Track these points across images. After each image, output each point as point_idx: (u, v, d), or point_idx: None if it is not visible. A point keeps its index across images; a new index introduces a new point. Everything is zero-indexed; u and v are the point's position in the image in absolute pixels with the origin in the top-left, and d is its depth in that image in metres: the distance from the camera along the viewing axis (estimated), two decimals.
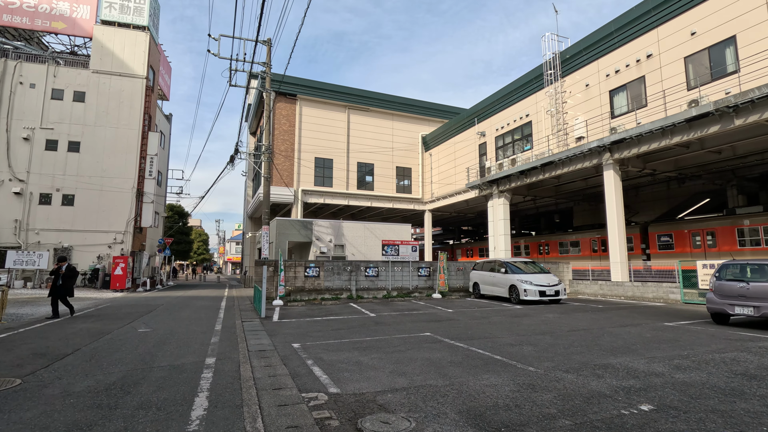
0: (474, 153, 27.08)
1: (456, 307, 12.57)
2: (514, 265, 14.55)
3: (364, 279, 16.31)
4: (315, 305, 13.81)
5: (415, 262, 17.20)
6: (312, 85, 28.85)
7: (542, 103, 21.52)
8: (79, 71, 22.82)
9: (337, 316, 10.81)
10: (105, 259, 21.77)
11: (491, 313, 11.02)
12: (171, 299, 16.51)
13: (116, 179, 22.54)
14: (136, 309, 12.57)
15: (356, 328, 8.60)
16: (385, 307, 13.02)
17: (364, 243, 19.94)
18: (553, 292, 13.16)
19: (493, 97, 25.20)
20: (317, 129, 29.06)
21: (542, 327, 8.60)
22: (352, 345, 6.81)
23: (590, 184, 23.24)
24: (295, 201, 27.59)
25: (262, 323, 9.52)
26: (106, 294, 18.80)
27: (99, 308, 12.76)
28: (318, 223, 19.38)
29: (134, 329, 8.39)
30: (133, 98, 23.33)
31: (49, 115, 22.14)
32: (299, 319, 10.30)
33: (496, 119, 25.07)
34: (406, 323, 9.31)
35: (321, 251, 19.00)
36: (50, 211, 21.63)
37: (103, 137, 22.67)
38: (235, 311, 12.16)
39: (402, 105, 32.02)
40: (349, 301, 14.86)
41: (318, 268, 15.73)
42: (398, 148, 31.92)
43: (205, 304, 14.57)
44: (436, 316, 10.45)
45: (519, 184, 22.67)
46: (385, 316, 10.56)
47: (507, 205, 24.09)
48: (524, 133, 22.95)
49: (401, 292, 16.62)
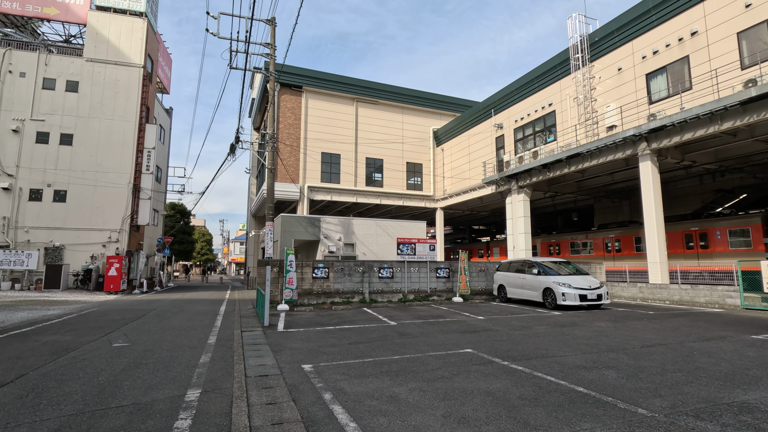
0: (490, 147, 25.52)
1: (485, 313, 11.04)
2: (547, 265, 12.99)
3: (378, 281, 14.81)
4: (324, 310, 12.33)
5: (433, 263, 15.69)
6: (318, 76, 27.42)
7: (567, 91, 19.94)
8: (72, 59, 21.50)
9: (352, 324, 9.32)
10: (99, 259, 20.42)
11: (531, 322, 9.48)
12: (166, 303, 15.10)
13: (111, 174, 21.19)
14: (124, 315, 11.14)
15: (378, 342, 7.10)
16: (403, 312, 11.51)
17: (375, 242, 18.45)
18: (595, 296, 11.59)
19: (512, 87, 23.63)
20: (324, 122, 27.62)
21: (604, 341, 7.05)
22: (379, 367, 5.31)
23: (616, 179, 21.65)
24: (301, 198, 26.17)
25: (265, 333, 8.06)
26: (98, 296, 17.43)
27: (82, 314, 11.35)
28: (326, 220, 17.91)
29: (109, 343, 6.93)
30: (130, 88, 21.98)
31: (40, 106, 20.83)
32: (308, 328, 8.82)
33: (515, 110, 23.50)
34: (435, 335, 7.80)
35: (329, 250, 17.53)
36: (41, 208, 20.30)
37: (98, 129, 21.33)
38: (234, 317, 10.71)
39: (412, 98, 30.52)
40: (362, 306, 13.37)
41: (327, 268, 14.25)
42: (408, 143, 30.42)
43: (202, 308, 13.14)
44: (468, 326, 8.93)
45: (541, 178, 21.11)
46: (407, 325, 9.05)
47: (527, 202, 22.53)
48: (547, 123, 21.37)
49: (418, 296, 15.10)
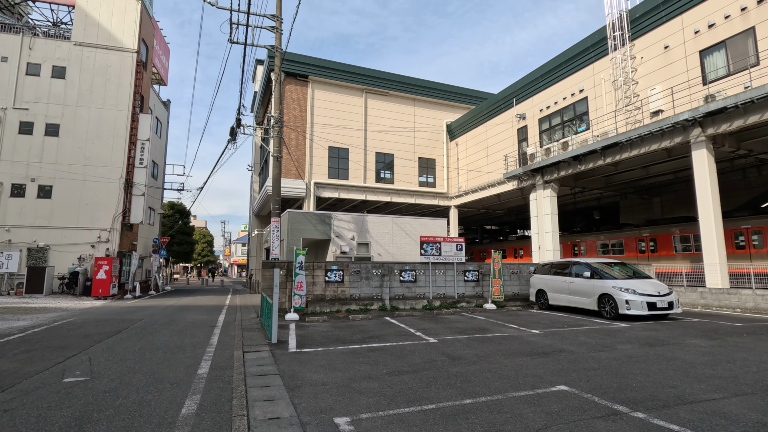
0: (511, 139, 23.66)
1: (536, 325, 9.15)
2: (599, 267, 11.09)
3: (399, 285, 12.95)
4: (340, 320, 10.47)
5: (461, 264, 13.82)
6: (325, 65, 25.62)
7: (602, 75, 18.07)
8: (59, 43, 19.73)
9: (381, 340, 7.45)
10: (87, 260, 18.61)
11: (604, 338, 7.59)
12: (157, 311, 13.26)
13: (101, 168, 19.39)
14: (102, 328, 9.30)
15: (427, 372, 5.24)
16: (436, 324, 9.64)
17: (392, 241, 16.59)
18: (666, 304, 9.70)
19: (536, 73, 21.78)
20: (331, 115, 25.82)
21: (736, 370, 5.18)
22: (454, 425, 3.45)
23: (651, 172, 19.77)
24: (307, 195, 24.34)
25: (274, 356, 6.22)
26: (84, 303, 15.61)
27: (53, 326, 9.52)
28: (338, 217, 16.06)
29: (60, 376, 5.06)
30: (122, 75, 20.20)
31: (23, 94, 19.06)
32: (327, 347, 6.96)
33: (540, 98, 21.64)
34: (497, 359, 5.93)
35: (342, 251, 15.68)
36: (24, 205, 18.52)
37: (87, 119, 19.54)
38: (235, 330, 8.86)
39: (425, 89, 28.69)
40: (382, 315, 11.50)
41: (342, 271, 12.40)
42: (420, 137, 28.59)
43: (197, 318, 11.29)
44: (530, 345, 7.05)
45: (570, 172, 19.24)
46: (451, 343, 7.18)
47: (554, 198, 20.66)
48: (577, 111, 19.50)
49: (445, 302, 13.23)
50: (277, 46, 12.97)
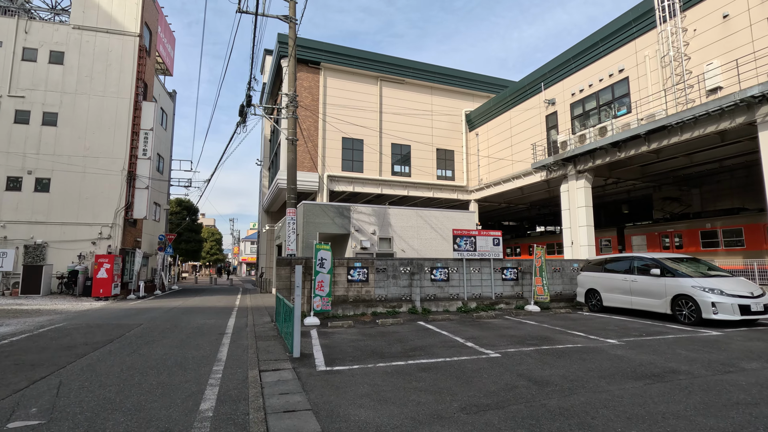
0: (539, 127, 22.01)
1: (608, 334, 7.61)
2: (669, 263, 9.49)
3: (430, 284, 11.46)
4: (367, 325, 9.03)
5: (498, 261, 12.29)
6: (338, 51, 24.16)
7: (647, 51, 16.37)
8: (57, 27, 18.49)
9: (429, 355, 5.97)
10: (88, 258, 17.37)
11: (705, 350, 6.04)
12: (159, 314, 11.92)
13: (102, 159, 18.13)
14: (92, 336, 7.94)
15: (517, 408, 3.75)
16: (483, 331, 8.14)
17: (416, 235, 15.10)
18: (762, 307, 8.09)
19: (568, 54, 20.10)
20: (345, 104, 24.35)
21: None
22: None
23: (695, 160, 18.07)
24: (320, 189, 22.94)
25: (300, 379, 4.77)
26: (82, 304, 14.35)
27: (36, 334, 8.17)
28: (358, 209, 14.60)
29: (4, 418, 3.66)
30: (124, 60, 18.91)
31: (19, 80, 17.86)
32: (363, 363, 5.51)
33: (572, 81, 19.97)
34: (600, 386, 4.42)
35: (362, 246, 14.23)
36: (20, 199, 17.32)
37: (86, 108, 18.29)
38: (248, 339, 7.45)
39: (443, 76, 27.10)
40: (414, 318, 10.03)
41: (366, 269, 10.94)
42: (438, 127, 27.02)
43: (204, 323, 9.91)
44: (623, 362, 5.52)
45: (608, 160, 17.59)
46: (520, 359, 5.68)
47: (589, 189, 19.02)
48: (616, 94, 17.81)
49: (481, 303, 11.72)
50: (291, 16, 11.51)
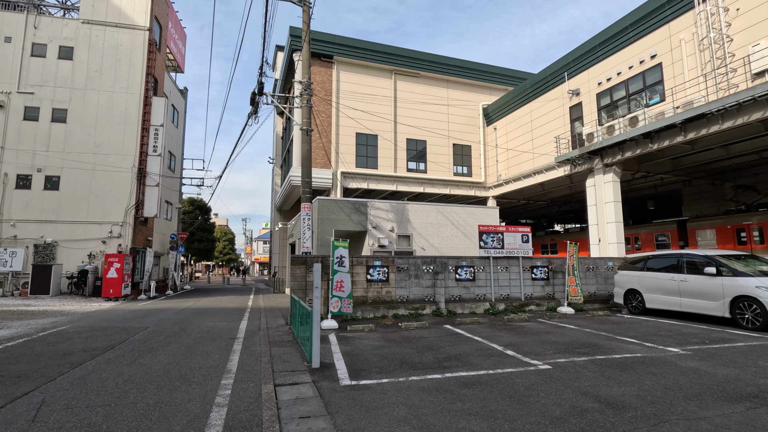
0: (562, 119, 21.00)
1: (664, 341, 6.73)
2: (726, 261, 8.53)
3: (455, 284, 10.66)
4: (390, 329, 8.27)
5: (527, 259, 11.43)
6: (352, 44, 23.46)
7: (683, 35, 15.30)
8: (66, 22, 18.13)
9: (467, 366, 5.19)
10: (98, 257, 16.96)
11: None
12: (168, 316, 11.33)
13: (112, 156, 17.70)
14: (93, 341, 7.33)
15: None
16: (520, 336, 7.33)
17: (437, 233, 14.30)
18: None
19: (594, 42, 19.07)
20: (358, 98, 23.64)
21: None
22: None
23: (732, 152, 16.95)
24: (334, 186, 22.27)
25: (323, 397, 4.04)
26: (91, 305, 13.87)
27: (36, 337, 7.60)
28: (375, 205, 13.85)
29: None
30: (133, 55, 18.47)
31: (28, 76, 17.52)
32: (395, 377, 4.75)
33: (598, 70, 18.93)
34: (689, 409, 3.60)
35: (380, 244, 13.48)
36: (30, 197, 16.97)
37: (96, 104, 17.88)
38: (261, 346, 6.75)
39: (459, 69, 26.22)
40: (439, 321, 9.25)
41: (386, 268, 10.18)
42: (455, 122, 26.15)
43: (214, 326, 9.26)
44: (702, 377, 4.67)
45: (639, 152, 16.56)
46: (574, 372, 4.86)
47: (617, 183, 17.98)
48: (648, 81, 16.75)
49: (510, 305, 10.87)
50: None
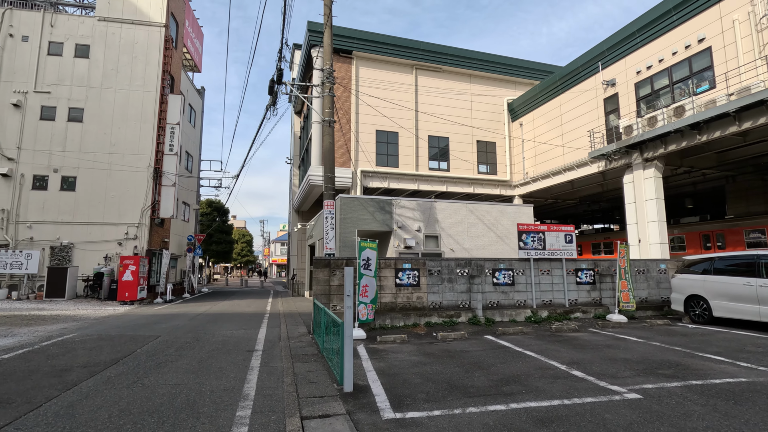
0: (595, 112, 19.73)
1: (763, 360, 5.62)
2: None
3: (492, 289, 9.66)
4: (424, 340, 7.34)
5: (571, 261, 10.34)
6: (371, 38, 22.68)
7: (736, 14, 13.97)
8: (82, 19, 17.80)
9: (533, 393, 4.22)
10: (114, 260, 16.50)
11: None
12: (182, 322, 10.63)
13: (128, 156, 17.26)
14: (95, 354, 6.61)
15: None
16: (578, 351, 6.30)
17: (467, 233, 13.30)
18: None
19: (631, 28, 17.78)
20: (378, 95, 22.79)
21: None
22: None
23: None
24: (353, 185, 21.46)
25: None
26: (105, 309, 13.32)
27: (38, 348, 6.93)
28: (401, 203, 12.94)
29: None
30: (149, 52, 18.03)
31: (45, 76, 17.22)
32: (447, 407, 3.82)
33: (637, 57, 17.64)
34: None
35: (406, 245, 12.56)
36: (46, 198, 16.63)
37: (112, 102, 17.48)
38: (282, 361, 5.91)
39: (482, 62, 25.15)
40: (477, 330, 8.27)
41: (416, 271, 9.25)
42: (478, 118, 25.07)
43: (230, 335, 8.48)
44: None
45: (685, 144, 15.26)
46: (675, 405, 3.85)
47: (659, 179, 16.66)
48: (695, 67, 15.42)
49: (553, 312, 9.81)
50: None
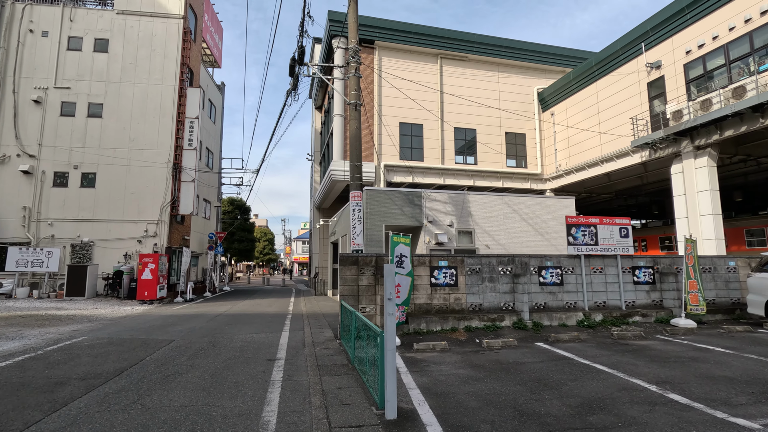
0: (637, 97, 18.24)
1: None
2: None
3: (538, 289, 8.61)
4: (466, 347, 6.39)
5: (627, 258, 9.18)
6: (394, 27, 21.74)
7: None
8: (101, 13, 17.46)
9: (636, 430, 3.23)
10: (134, 257, 16.10)
11: None
12: (200, 324, 9.96)
13: (147, 151, 16.84)
14: (99, 363, 5.92)
15: None
16: (659, 366, 5.25)
17: (503, 228, 12.23)
18: None
19: (680, 4, 16.28)
20: (402, 85, 21.79)
21: None
22: None
23: None
24: (376, 180, 20.56)
25: None
26: (123, 308, 12.85)
27: (40, 354, 6.30)
28: (431, 196, 11.97)
29: None
30: (168, 45, 17.56)
31: (64, 71, 16.96)
32: None
33: (686, 36, 16.14)
34: None
35: (437, 241, 11.59)
36: (66, 195, 16.36)
37: (131, 97, 17.08)
38: (307, 374, 5.06)
39: (510, 50, 23.88)
40: (525, 336, 7.26)
41: (453, 269, 8.29)
42: (507, 108, 23.79)
43: (250, 339, 7.71)
44: None
45: (745, 129, 13.80)
46: None
47: (713, 168, 15.18)
48: (756, 43, 13.86)
49: (609, 315, 8.68)
50: None
